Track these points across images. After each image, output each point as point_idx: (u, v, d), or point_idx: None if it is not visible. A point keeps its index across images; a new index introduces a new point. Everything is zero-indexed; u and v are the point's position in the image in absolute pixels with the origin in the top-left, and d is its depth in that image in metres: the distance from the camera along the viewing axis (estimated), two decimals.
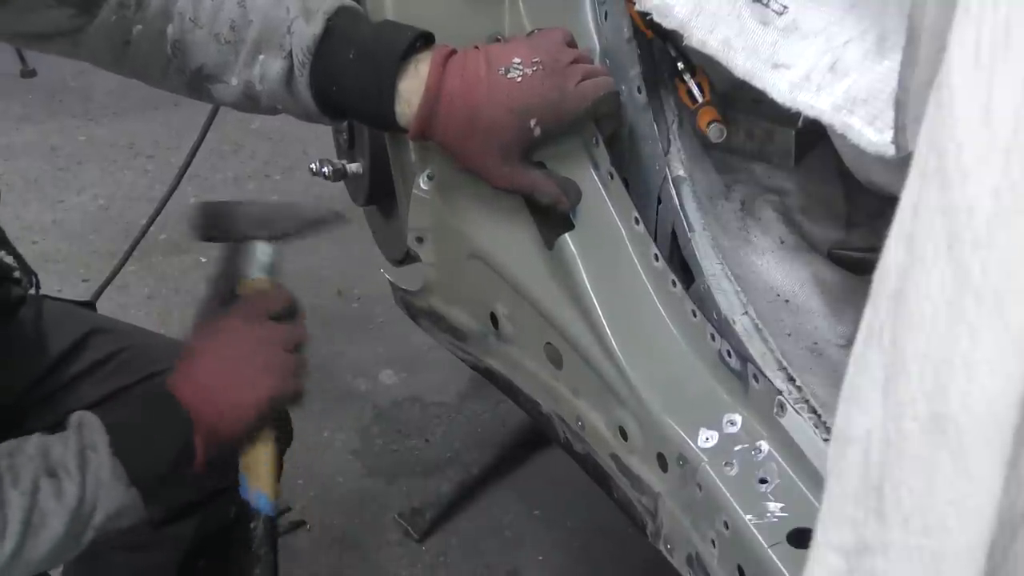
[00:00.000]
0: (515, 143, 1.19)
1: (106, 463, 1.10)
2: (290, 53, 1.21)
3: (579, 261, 1.23)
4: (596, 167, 1.26)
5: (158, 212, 2.53)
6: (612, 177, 1.26)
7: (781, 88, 0.91)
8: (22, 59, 4.02)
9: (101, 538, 1.12)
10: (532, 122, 1.17)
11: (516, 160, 1.20)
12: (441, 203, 1.37)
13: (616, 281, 1.23)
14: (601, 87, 1.20)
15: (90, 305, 1.60)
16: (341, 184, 1.81)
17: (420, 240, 1.41)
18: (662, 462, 1.15)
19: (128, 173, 3.48)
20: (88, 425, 1.12)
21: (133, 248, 2.43)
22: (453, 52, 1.19)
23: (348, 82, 1.20)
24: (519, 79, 1.16)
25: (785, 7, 0.93)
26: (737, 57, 0.97)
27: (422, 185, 1.37)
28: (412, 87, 1.18)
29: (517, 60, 1.17)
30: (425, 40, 1.20)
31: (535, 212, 1.27)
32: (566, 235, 1.23)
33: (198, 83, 1.29)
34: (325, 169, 1.72)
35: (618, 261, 1.23)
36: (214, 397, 1.19)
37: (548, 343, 1.30)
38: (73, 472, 1.08)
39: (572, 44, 1.23)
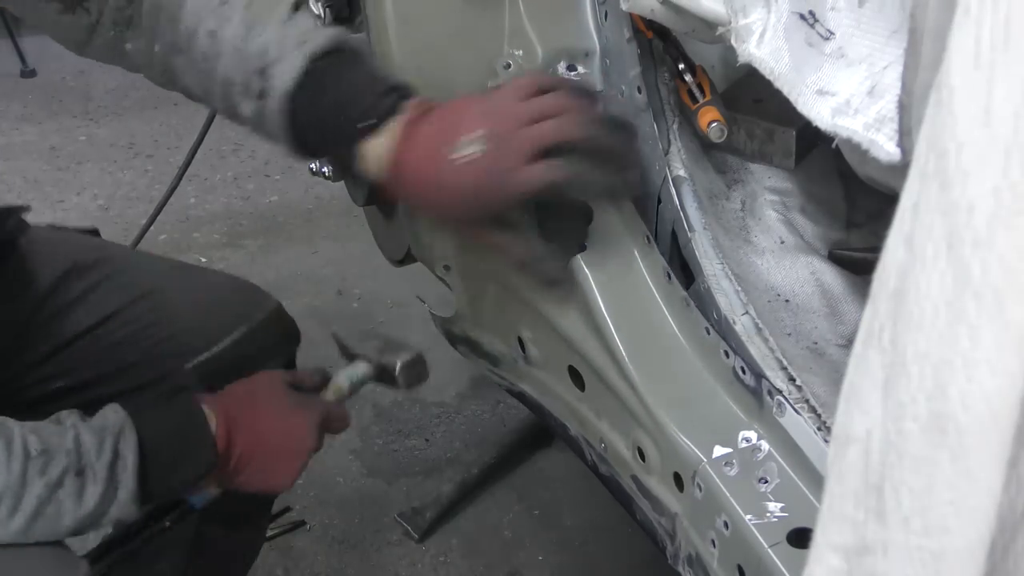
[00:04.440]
0: (468, 219, 1.20)
1: (128, 485, 1.14)
2: (261, 92, 1.19)
3: (592, 282, 1.23)
4: None
5: (158, 212, 2.53)
6: None
7: (824, 115, 0.90)
8: (22, 59, 4.02)
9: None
10: (479, 203, 1.15)
11: (478, 225, 1.20)
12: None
13: (630, 301, 1.23)
14: (547, 177, 1.13)
15: (94, 232, 1.60)
16: (341, 184, 1.81)
17: (447, 268, 1.42)
18: (679, 482, 1.15)
19: (128, 173, 3.48)
20: (126, 439, 1.15)
21: (134, 248, 2.43)
22: (424, 113, 1.17)
23: (321, 136, 1.20)
24: (465, 161, 1.12)
25: (832, 33, 0.93)
26: (782, 74, 0.97)
27: None
28: (379, 154, 1.17)
29: (464, 138, 1.13)
30: (398, 93, 1.18)
31: (547, 235, 1.26)
32: (579, 256, 1.23)
33: (195, 99, 1.30)
34: (325, 169, 1.72)
35: (631, 280, 1.23)
36: (251, 457, 1.25)
37: (570, 366, 1.30)
38: (100, 482, 1.12)
39: (538, 92, 1.16)
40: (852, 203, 1.33)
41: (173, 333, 1.46)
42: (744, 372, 1.11)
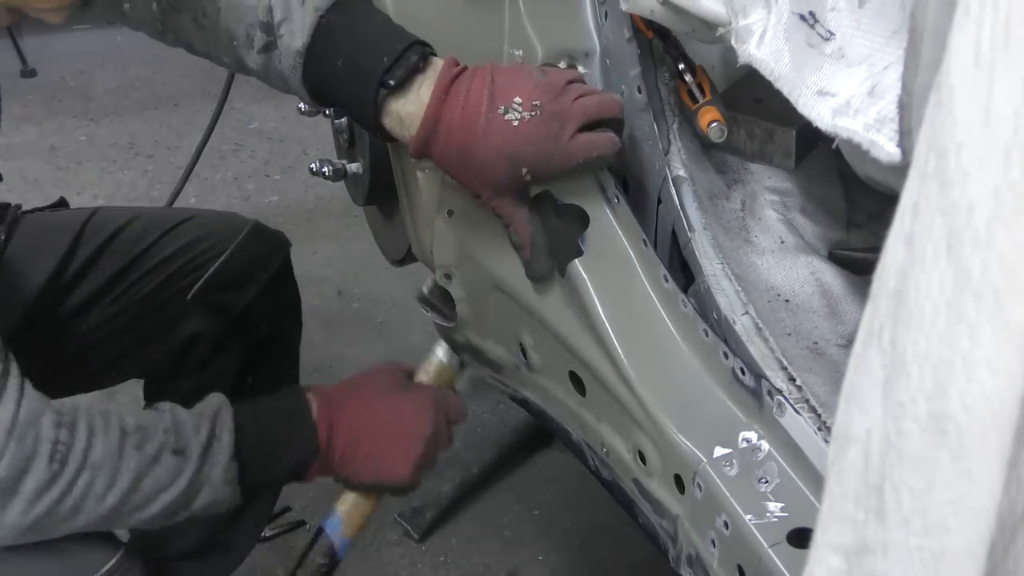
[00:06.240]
0: (505, 184, 1.19)
1: (222, 462, 1.16)
2: (266, 46, 1.20)
3: (590, 287, 1.22)
4: (603, 190, 1.26)
5: None
6: (618, 200, 1.25)
7: (824, 115, 0.90)
8: (22, 59, 4.02)
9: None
10: (523, 170, 1.17)
11: (505, 194, 1.21)
12: (461, 238, 1.37)
13: (627, 304, 1.23)
14: (595, 148, 1.18)
15: (63, 204, 1.64)
16: (341, 184, 1.81)
17: (448, 276, 1.42)
18: (679, 484, 1.15)
19: (128, 173, 3.48)
20: (223, 419, 1.18)
21: None
22: (461, 72, 1.18)
23: (339, 91, 1.20)
24: (516, 123, 1.15)
25: (832, 33, 0.92)
26: (782, 75, 0.97)
27: (441, 223, 1.37)
28: (411, 111, 1.17)
29: (518, 100, 1.15)
30: (423, 49, 1.18)
31: (544, 240, 1.26)
32: (576, 261, 1.23)
33: (197, 54, 1.30)
34: (325, 169, 1.72)
35: (628, 284, 1.23)
36: (357, 442, 1.26)
37: (571, 371, 1.31)
38: (194, 460, 1.14)
39: (579, 82, 1.22)
40: (852, 203, 1.33)
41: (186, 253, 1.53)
42: (744, 373, 1.11)
